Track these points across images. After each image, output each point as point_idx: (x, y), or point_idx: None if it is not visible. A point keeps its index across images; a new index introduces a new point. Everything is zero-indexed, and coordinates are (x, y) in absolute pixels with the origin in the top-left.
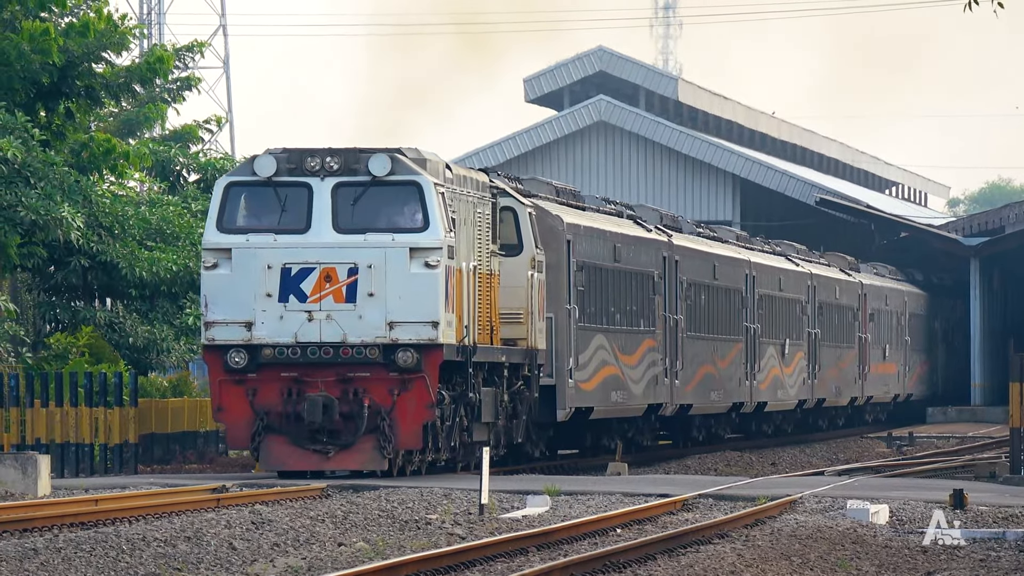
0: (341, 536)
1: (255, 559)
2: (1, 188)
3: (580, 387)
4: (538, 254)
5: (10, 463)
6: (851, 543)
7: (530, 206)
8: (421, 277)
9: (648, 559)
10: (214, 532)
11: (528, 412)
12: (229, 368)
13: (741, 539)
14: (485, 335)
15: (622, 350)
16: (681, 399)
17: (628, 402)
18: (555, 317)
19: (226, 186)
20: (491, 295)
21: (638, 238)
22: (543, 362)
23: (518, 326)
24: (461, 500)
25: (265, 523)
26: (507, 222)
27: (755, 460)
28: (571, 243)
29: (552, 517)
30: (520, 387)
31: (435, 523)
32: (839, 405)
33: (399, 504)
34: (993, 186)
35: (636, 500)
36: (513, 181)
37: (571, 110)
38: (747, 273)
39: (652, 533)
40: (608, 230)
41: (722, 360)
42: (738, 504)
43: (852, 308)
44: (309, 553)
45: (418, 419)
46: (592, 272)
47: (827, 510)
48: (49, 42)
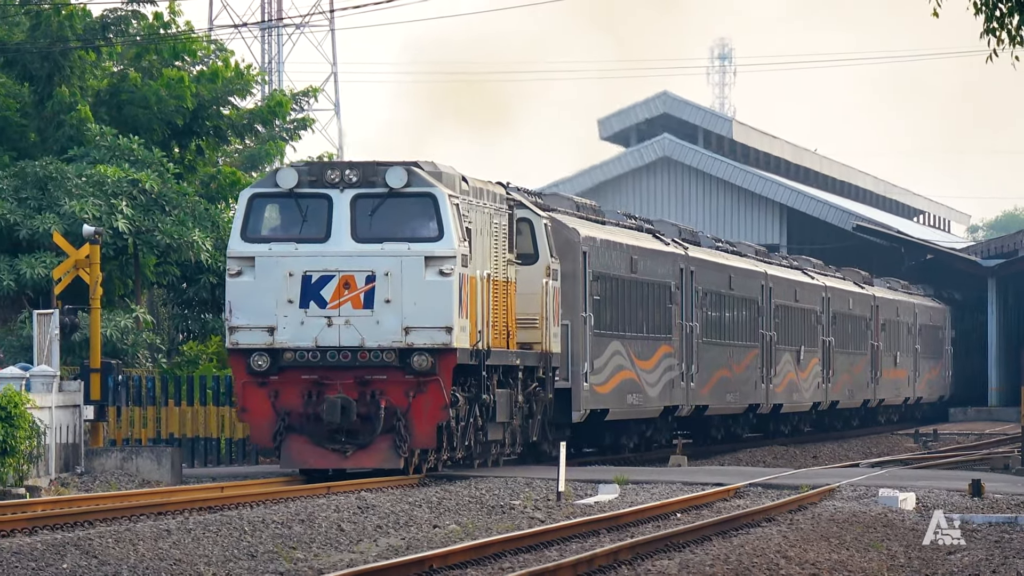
0: (436, 519)
1: (360, 539)
2: (140, 215)
3: (595, 390)
4: (553, 263)
5: (147, 455)
6: (882, 526)
7: (546, 218)
8: (435, 284)
9: (704, 540)
10: (324, 516)
11: (543, 413)
12: (252, 371)
13: (786, 522)
14: (501, 339)
15: (638, 356)
16: (697, 401)
17: (644, 404)
18: (571, 324)
19: (250, 197)
20: (507, 301)
21: (655, 250)
22: (558, 365)
23: (533, 331)
24: (541, 488)
25: (369, 508)
26: (524, 233)
27: (799, 453)
28: (587, 254)
29: (621, 503)
30: (535, 389)
31: (518, 508)
32: (853, 407)
33: (487, 491)
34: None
35: (694, 488)
36: (532, 195)
37: (638, 147)
38: (763, 284)
39: (708, 517)
40: (625, 242)
41: (738, 365)
42: (783, 492)
43: (865, 318)
44: (408, 534)
45: (433, 420)
46: (608, 282)
47: (861, 497)
48: (183, 88)
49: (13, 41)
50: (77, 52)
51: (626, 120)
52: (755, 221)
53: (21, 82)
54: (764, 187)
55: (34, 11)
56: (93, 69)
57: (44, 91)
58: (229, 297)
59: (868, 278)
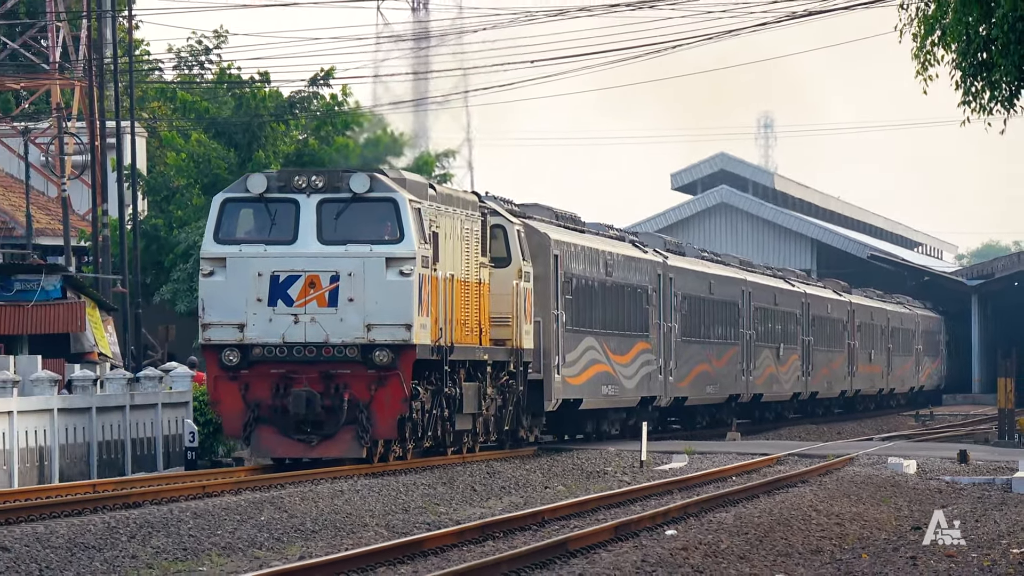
0: (547, 482)
1: (489, 497)
2: None
3: (568, 381)
4: (525, 266)
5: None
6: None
7: (519, 224)
8: (396, 284)
9: (753, 497)
10: (462, 479)
11: (516, 404)
12: (224, 365)
13: (816, 483)
14: (473, 336)
15: (614, 351)
16: (676, 393)
17: (620, 395)
18: (543, 321)
19: (222, 202)
20: (481, 301)
21: (631, 257)
22: (530, 360)
23: (506, 328)
24: (627, 457)
25: (496, 473)
26: (498, 238)
27: (827, 430)
28: (559, 257)
29: (688, 469)
30: (507, 381)
31: (610, 473)
32: (831, 396)
33: (586, 461)
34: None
35: (745, 457)
36: (508, 204)
37: (702, 195)
38: (743, 290)
39: (755, 480)
40: (600, 248)
41: (718, 360)
42: (814, 460)
43: (842, 321)
44: (525, 494)
45: (394, 412)
46: (581, 283)
47: (875, 464)
48: (350, 152)
49: (222, 116)
50: (270, 124)
51: (692, 174)
52: (792, 252)
53: (228, 148)
54: (799, 225)
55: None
56: (283, 137)
57: (245, 155)
58: (202, 296)
59: (847, 287)
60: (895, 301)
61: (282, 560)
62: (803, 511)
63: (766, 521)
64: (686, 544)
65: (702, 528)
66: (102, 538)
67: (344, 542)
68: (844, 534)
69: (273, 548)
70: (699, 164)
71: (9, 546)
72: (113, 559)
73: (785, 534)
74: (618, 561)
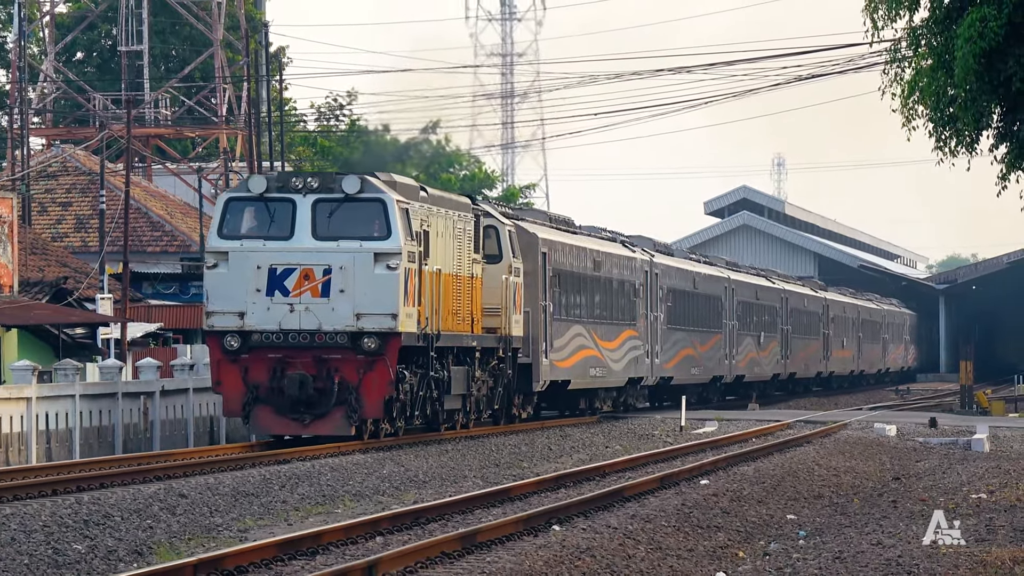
0: (607, 443)
1: (561, 455)
2: None
3: (556, 364)
4: (515, 262)
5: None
6: (876, 445)
7: (510, 225)
8: (383, 277)
9: (768, 454)
10: (540, 442)
11: (506, 385)
12: (225, 350)
13: (818, 443)
14: (465, 325)
15: (602, 337)
16: (662, 374)
17: (608, 377)
18: (531, 311)
19: (226, 200)
20: (473, 294)
21: (619, 255)
22: (519, 347)
23: (496, 318)
24: (670, 423)
25: (567, 436)
26: (492, 237)
27: (827, 402)
28: (546, 254)
29: (718, 432)
30: (497, 365)
31: (657, 436)
32: (808, 377)
33: (637, 426)
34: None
35: (762, 423)
36: (501, 206)
37: (728, 218)
38: (726, 286)
39: (770, 440)
40: (588, 247)
41: (703, 346)
42: (816, 425)
43: (817, 313)
44: (590, 453)
45: (380, 394)
46: (569, 277)
47: (864, 428)
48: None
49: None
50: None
51: (721, 202)
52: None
53: None
54: (804, 242)
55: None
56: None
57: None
58: (207, 286)
59: (823, 286)
60: (865, 298)
61: (400, 504)
62: (807, 465)
63: (778, 473)
64: (716, 491)
65: (729, 478)
66: (259, 487)
67: (448, 490)
68: (840, 483)
69: (393, 495)
70: (726, 194)
71: (186, 493)
72: (268, 503)
73: (794, 483)
74: (663, 504)
